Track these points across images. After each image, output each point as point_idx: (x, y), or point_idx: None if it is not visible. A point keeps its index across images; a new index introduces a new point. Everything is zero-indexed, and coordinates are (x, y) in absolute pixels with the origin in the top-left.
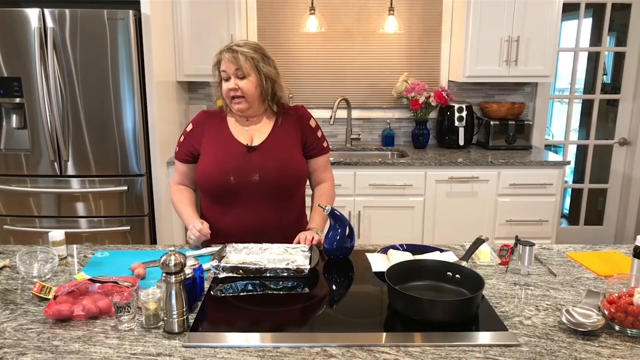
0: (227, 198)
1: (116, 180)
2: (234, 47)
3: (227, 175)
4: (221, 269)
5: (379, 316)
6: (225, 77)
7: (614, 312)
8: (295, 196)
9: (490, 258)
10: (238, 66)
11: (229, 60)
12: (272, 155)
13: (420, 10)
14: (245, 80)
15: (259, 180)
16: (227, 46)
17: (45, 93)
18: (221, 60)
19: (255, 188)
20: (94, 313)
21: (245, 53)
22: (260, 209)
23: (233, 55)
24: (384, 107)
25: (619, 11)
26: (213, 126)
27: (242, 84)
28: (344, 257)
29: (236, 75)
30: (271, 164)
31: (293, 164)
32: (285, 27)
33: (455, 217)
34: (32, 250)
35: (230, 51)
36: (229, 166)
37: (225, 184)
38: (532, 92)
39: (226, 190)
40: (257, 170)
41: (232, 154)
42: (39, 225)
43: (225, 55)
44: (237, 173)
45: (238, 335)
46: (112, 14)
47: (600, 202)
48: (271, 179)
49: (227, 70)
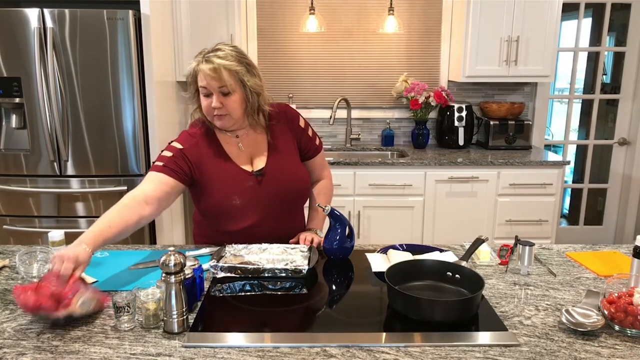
0: (233, 216)
1: (116, 180)
2: (213, 58)
3: (234, 199)
4: (219, 269)
5: (379, 316)
6: (205, 94)
7: (614, 312)
8: (301, 205)
9: (490, 258)
10: (222, 83)
11: (210, 77)
12: (280, 174)
13: (420, 10)
14: (230, 98)
15: (271, 199)
16: (203, 55)
17: (45, 93)
18: (198, 72)
19: (262, 206)
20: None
21: (229, 67)
22: (266, 222)
23: (214, 70)
24: (383, 107)
25: (618, 11)
26: (207, 151)
27: (227, 102)
28: (344, 257)
29: (219, 92)
30: (281, 184)
31: (299, 179)
32: (284, 27)
33: (455, 217)
34: (31, 250)
35: (209, 63)
36: (239, 192)
37: (231, 207)
38: (532, 92)
39: (231, 211)
40: (266, 193)
41: (241, 182)
42: (39, 225)
43: (204, 68)
44: (245, 197)
45: (238, 336)
46: (111, 14)
47: (600, 202)
48: (281, 197)
49: (207, 87)
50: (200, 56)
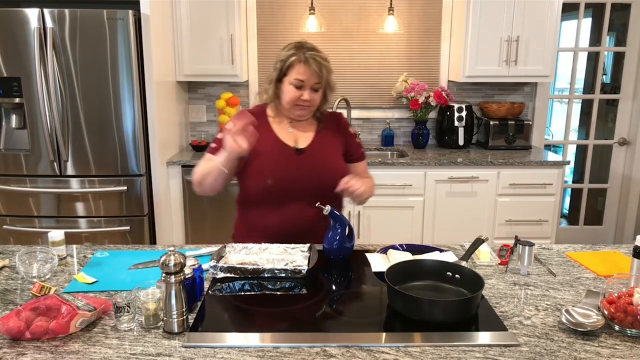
0: (270, 198)
1: (116, 180)
2: (318, 58)
3: (270, 176)
4: (219, 269)
5: (379, 316)
6: (298, 85)
7: (614, 312)
8: (338, 198)
9: (490, 258)
10: (319, 80)
11: (314, 72)
12: (319, 157)
13: (420, 10)
14: (317, 93)
15: (304, 181)
16: (308, 51)
17: (45, 93)
18: (295, 64)
19: (300, 189)
20: (39, 335)
21: (328, 68)
22: (304, 209)
23: (320, 69)
24: (383, 107)
25: (618, 11)
26: (257, 127)
27: (314, 96)
28: (344, 257)
29: (312, 88)
30: (318, 166)
31: (337, 167)
32: (284, 27)
33: (455, 217)
34: (31, 250)
35: (315, 61)
36: (277, 167)
37: (265, 187)
38: (532, 92)
39: (268, 191)
40: (303, 172)
41: (280, 156)
42: (39, 226)
43: (311, 65)
44: (283, 175)
45: (238, 335)
46: (111, 14)
47: (599, 202)
48: (317, 180)
49: (305, 81)
50: (302, 51)
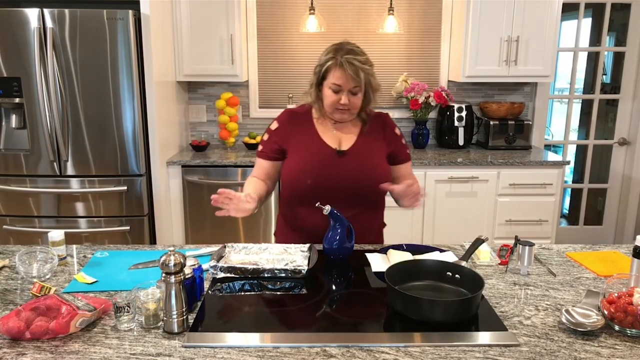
0: (310, 199)
1: (116, 181)
2: (354, 61)
3: (311, 177)
4: (219, 269)
5: (379, 316)
6: (336, 90)
7: (614, 312)
8: (379, 202)
9: (489, 258)
10: (357, 84)
11: (350, 77)
12: (361, 160)
13: (420, 10)
14: (356, 96)
15: (344, 183)
16: (346, 54)
17: (45, 93)
18: (332, 68)
19: (340, 191)
20: (39, 335)
21: (367, 70)
22: (343, 212)
23: (355, 72)
24: (383, 107)
25: (618, 11)
26: (300, 127)
27: (353, 99)
28: (344, 257)
29: (350, 91)
30: (359, 169)
31: (380, 170)
32: (284, 27)
33: (455, 217)
34: (31, 250)
35: (352, 65)
36: (318, 168)
37: (304, 188)
38: (532, 92)
39: (308, 191)
40: (344, 174)
41: (322, 157)
42: (39, 226)
43: (346, 69)
44: (323, 176)
45: (238, 336)
46: (111, 14)
47: (599, 202)
48: (357, 183)
49: (342, 85)
50: (339, 55)
